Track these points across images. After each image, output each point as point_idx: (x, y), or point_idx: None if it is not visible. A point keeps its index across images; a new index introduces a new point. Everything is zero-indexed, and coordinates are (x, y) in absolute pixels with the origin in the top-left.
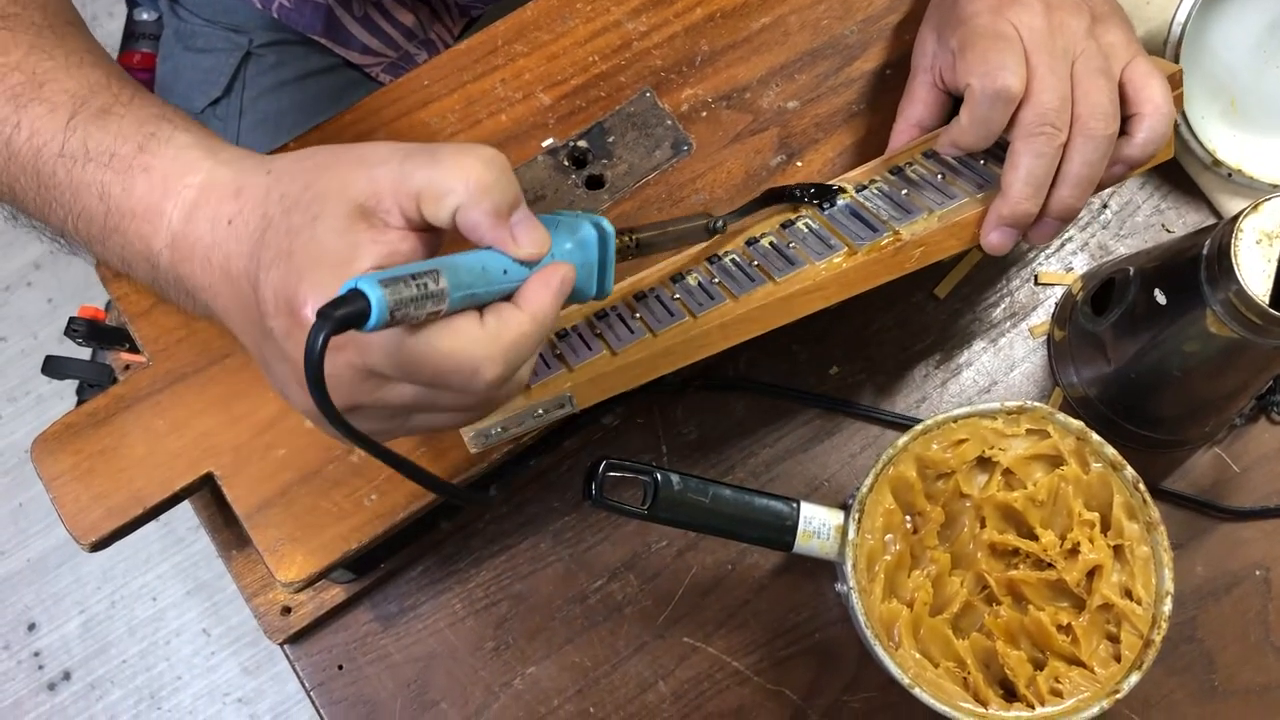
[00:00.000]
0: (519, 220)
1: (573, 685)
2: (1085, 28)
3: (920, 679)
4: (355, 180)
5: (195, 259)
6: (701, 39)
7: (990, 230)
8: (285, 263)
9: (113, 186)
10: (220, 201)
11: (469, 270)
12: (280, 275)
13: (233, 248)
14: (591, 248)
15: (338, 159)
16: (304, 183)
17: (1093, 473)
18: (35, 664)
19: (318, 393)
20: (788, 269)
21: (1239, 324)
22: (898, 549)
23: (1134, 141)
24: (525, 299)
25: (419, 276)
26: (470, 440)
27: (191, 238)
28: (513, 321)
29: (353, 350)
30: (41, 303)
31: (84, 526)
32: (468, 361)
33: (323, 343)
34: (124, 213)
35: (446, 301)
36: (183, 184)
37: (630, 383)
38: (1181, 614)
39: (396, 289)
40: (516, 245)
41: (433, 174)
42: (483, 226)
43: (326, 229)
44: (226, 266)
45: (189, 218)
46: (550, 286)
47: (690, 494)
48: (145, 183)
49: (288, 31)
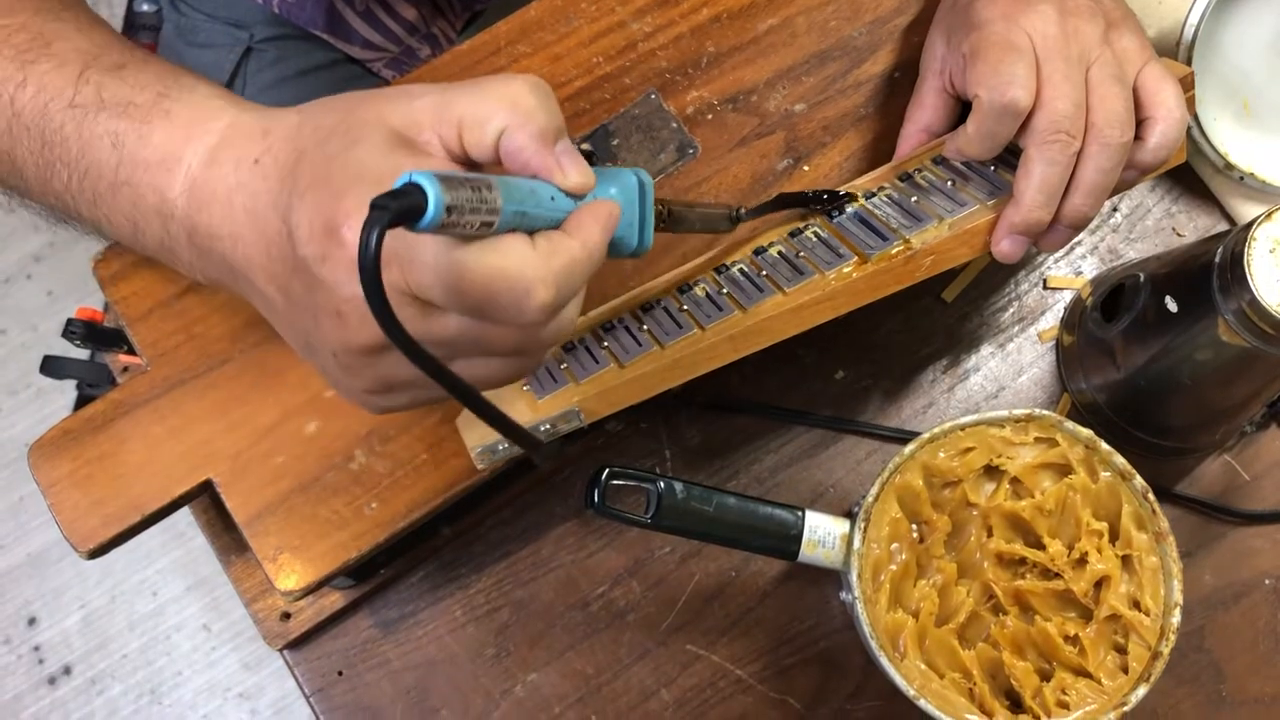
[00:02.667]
0: (565, 150)
1: (574, 692)
2: (1100, 33)
3: (925, 690)
4: (394, 110)
5: (215, 204)
6: (707, 40)
7: (1001, 238)
8: (323, 186)
9: (128, 135)
10: (246, 142)
11: (520, 188)
12: (317, 198)
13: (259, 185)
14: (633, 195)
15: (374, 94)
16: (339, 115)
17: (1101, 482)
18: (35, 658)
19: (374, 294)
20: (797, 279)
21: (1251, 333)
22: (904, 558)
23: (1147, 147)
24: (575, 227)
25: (473, 179)
26: (476, 456)
27: (212, 182)
28: (564, 246)
29: (397, 269)
30: (41, 295)
31: (81, 534)
32: (520, 280)
33: (379, 235)
34: (137, 163)
35: (499, 215)
36: (205, 129)
37: (638, 395)
38: (1190, 623)
39: (454, 187)
40: (564, 174)
41: (476, 99)
42: (528, 151)
43: (366, 151)
44: (252, 206)
45: (211, 161)
46: (599, 219)
47: (694, 502)
48: (165, 129)
49: (289, 26)
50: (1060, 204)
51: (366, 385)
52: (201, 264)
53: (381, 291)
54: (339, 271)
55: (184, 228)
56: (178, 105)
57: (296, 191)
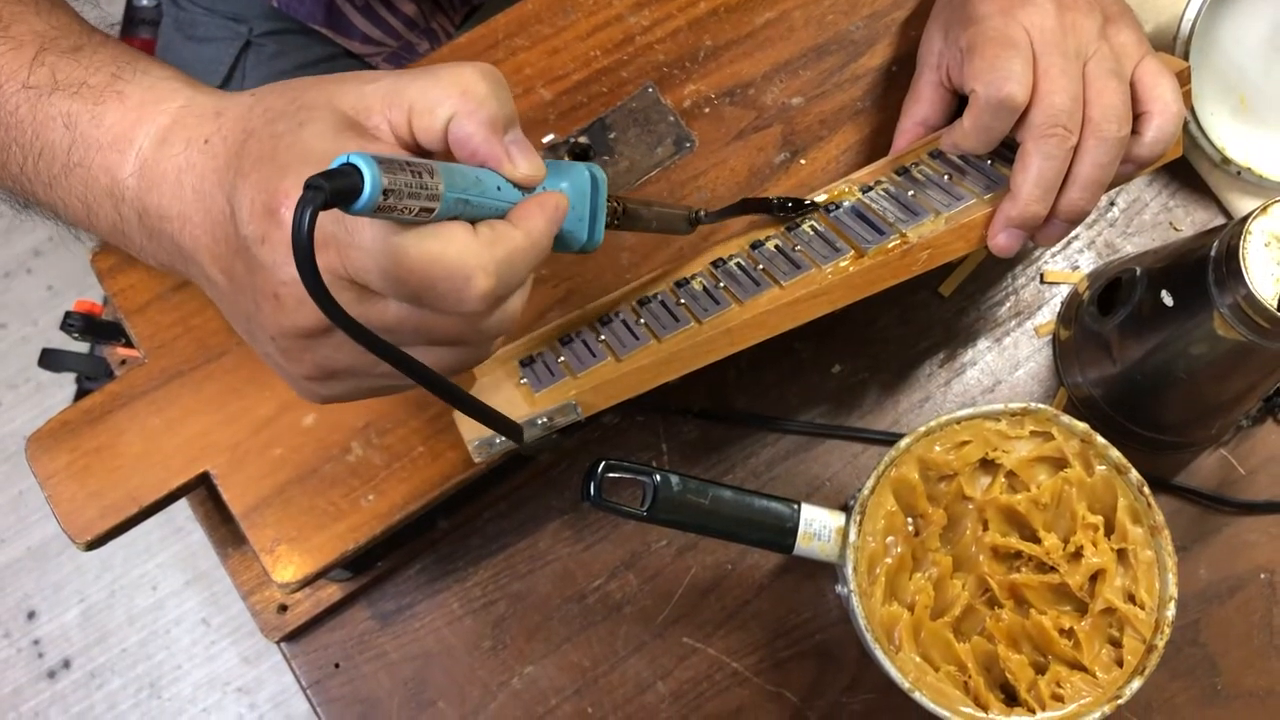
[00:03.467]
0: (515, 140)
1: (571, 685)
2: (1097, 28)
3: (920, 682)
4: (345, 93)
5: (165, 184)
6: (705, 34)
7: (998, 232)
8: (267, 165)
9: (80, 116)
10: (199, 123)
11: (464, 176)
12: (259, 177)
13: (208, 164)
14: (584, 191)
15: (327, 78)
16: (291, 96)
17: (1097, 476)
18: (35, 652)
19: (308, 273)
20: (793, 273)
21: (1247, 327)
22: (899, 551)
23: (1143, 141)
24: (519, 217)
25: (414, 164)
26: (474, 450)
27: (163, 163)
28: (507, 235)
29: (334, 252)
30: (41, 289)
31: (79, 525)
32: (459, 267)
33: (312, 215)
34: (90, 143)
35: (440, 202)
36: (159, 110)
37: (635, 389)
38: (1185, 617)
39: (392, 170)
40: (512, 164)
41: (426, 86)
42: (476, 138)
43: (313, 133)
44: (199, 186)
45: (163, 141)
46: (545, 210)
47: (690, 495)
48: (118, 110)
49: (288, 21)
50: (1057, 198)
51: (306, 371)
52: (152, 247)
53: (315, 270)
54: (277, 252)
55: (135, 209)
56: (131, 86)
57: (241, 171)
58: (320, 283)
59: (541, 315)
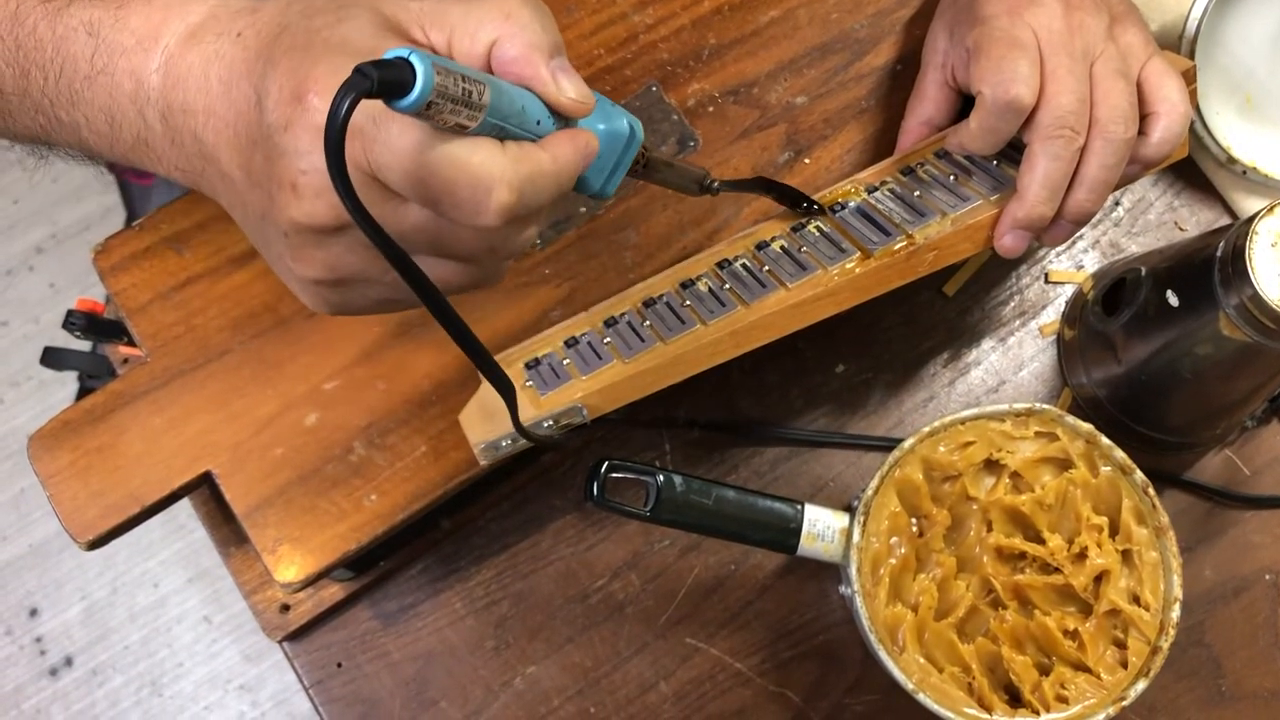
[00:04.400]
0: (561, 66)
1: (573, 685)
2: (1104, 28)
3: (924, 684)
4: (388, 1)
5: (191, 78)
6: (709, 32)
7: (1004, 233)
8: (300, 53)
9: (103, 21)
10: (232, 18)
11: (510, 100)
12: (291, 63)
13: (238, 54)
14: (619, 140)
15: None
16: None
17: (1102, 476)
18: (37, 649)
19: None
20: (800, 274)
21: (1253, 328)
22: (903, 552)
23: (1150, 142)
24: (550, 144)
25: (468, 79)
26: (480, 453)
27: (190, 56)
28: (534, 155)
29: (360, 145)
30: (43, 287)
31: (81, 525)
32: (484, 176)
33: (353, 100)
34: (114, 48)
35: (480, 120)
36: (185, 10)
37: (642, 391)
38: (1190, 618)
39: (445, 75)
40: (557, 88)
41: (470, 8)
42: (520, 62)
43: (354, 28)
44: (227, 76)
45: (191, 36)
46: (576, 144)
47: (693, 495)
48: (142, 11)
49: None
50: (1064, 199)
51: (315, 273)
52: (174, 153)
53: (342, 157)
54: (301, 139)
55: (159, 110)
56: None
57: (272, 59)
58: (344, 168)
59: (544, 314)
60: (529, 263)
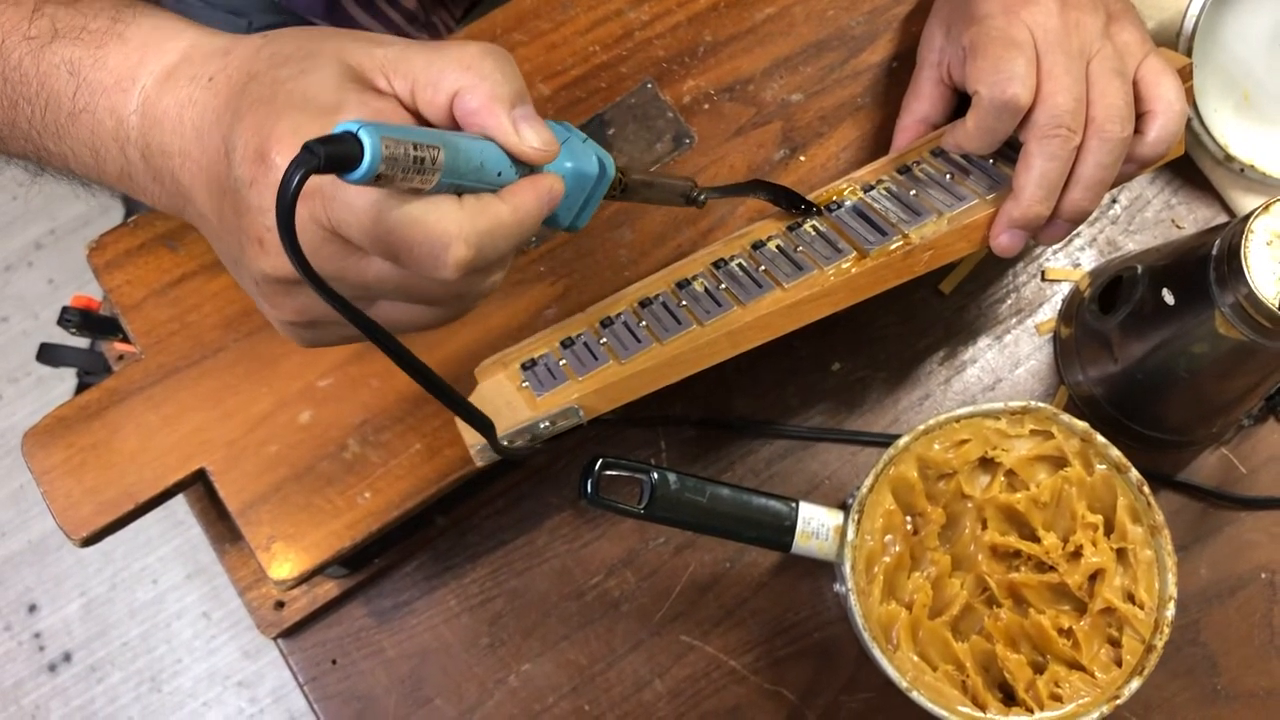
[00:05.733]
0: (524, 115)
1: (568, 682)
2: (1100, 26)
3: (918, 682)
4: (355, 49)
5: (167, 121)
6: (704, 29)
7: (1000, 232)
8: (264, 107)
9: (83, 60)
10: (205, 60)
11: (467, 159)
12: (255, 119)
13: (210, 101)
14: (587, 178)
15: (340, 31)
16: (299, 44)
17: (1096, 475)
18: (36, 645)
19: (286, 233)
20: (796, 275)
21: (1248, 326)
22: (897, 550)
23: (1146, 140)
24: (510, 193)
25: (420, 146)
26: (476, 454)
27: (165, 99)
28: (492, 209)
29: (319, 202)
30: (42, 283)
31: (75, 521)
32: (440, 235)
33: (301, 178)
34: (94, 87)
35: (435, 182)
36: (162, 49)
37: (638, 391)
38: (1185, 617)
39: (394, 146)
40: (518, 138)
41: (430, 59)
42: (481, 113)
43: (317, 80)
44: (199, 123)
45: (167, 78)
46: (539, 192)
47: (687, 493)
48: (119, 51)
49: (287, 13)
50: (1060, 198)
51: (288, 317)
52: (157, 190)
53: (293, 232)
54: (265, 196)
55: (139, 149)
56: (132, 28)
57: (239, 112)
58: (296, 245)
59: (539, 312)
60: (524, 260)
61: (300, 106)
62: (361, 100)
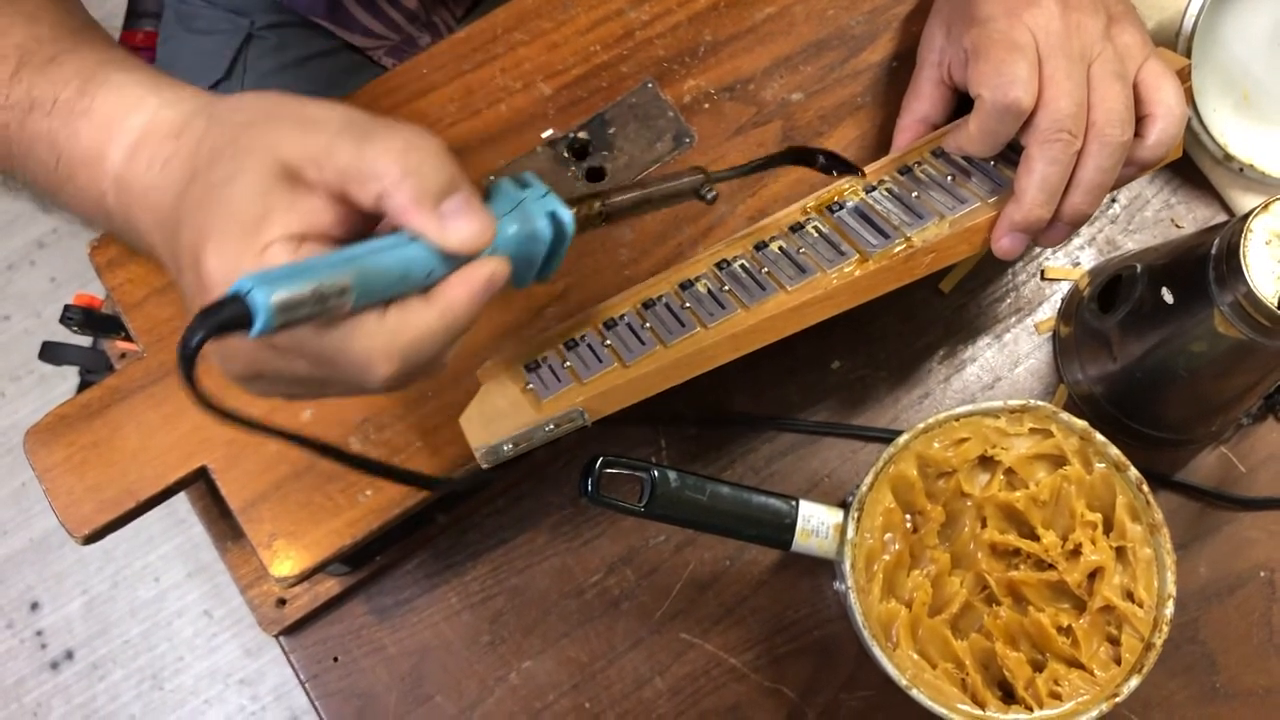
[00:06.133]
0: (454, 209)
1: (568, 680)
2: (1102, 28)
3: (918, 680)
4: (285, 140)
5: (136, 201)
6: (705, 29)
7: (1002, 235)
8: (198, 216)
9: (59, 134)
10: (161, 141)
11: (385, 275)
12: (191, 231)
13: (166, 191)
14: (542, 242)
15: (277, 113)
16: (232, 136)
17: (1096, 473)
18: (38, 643)
19: (192, 392)
20: (799, 277)
21: (1247, 325)
22: (897, 548)
23: (1145, 144)
24: (439, 293)
25: (323, 284)
26: (481, 457)
27: (132, 179)
28: (416, 318)
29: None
30: (44, 281)
31: (77, 519)
32: (361, 356)
33: (197, 344)
34: (73, 159)
35: (349, 305)
36: (125, 125)
37: (642, 394)
38: (1184, 615)
39: (289, 297)
40: (444, 234)
41: (359, 153)
42: (408, 213)
43: (244, 187)
44: (159, 211)
45: (131, 157)
46: (472, 286)
47: (688, 491)
48: (88, 127)
49: (289, 13)
50: (1060, 202)
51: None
52: (148, 253)
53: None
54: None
55: (121, 220)
56: (97, 100)
57: (180, 214)
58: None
59: (538, 310)
60: None
61: (226, 220)
62: (289, 207)
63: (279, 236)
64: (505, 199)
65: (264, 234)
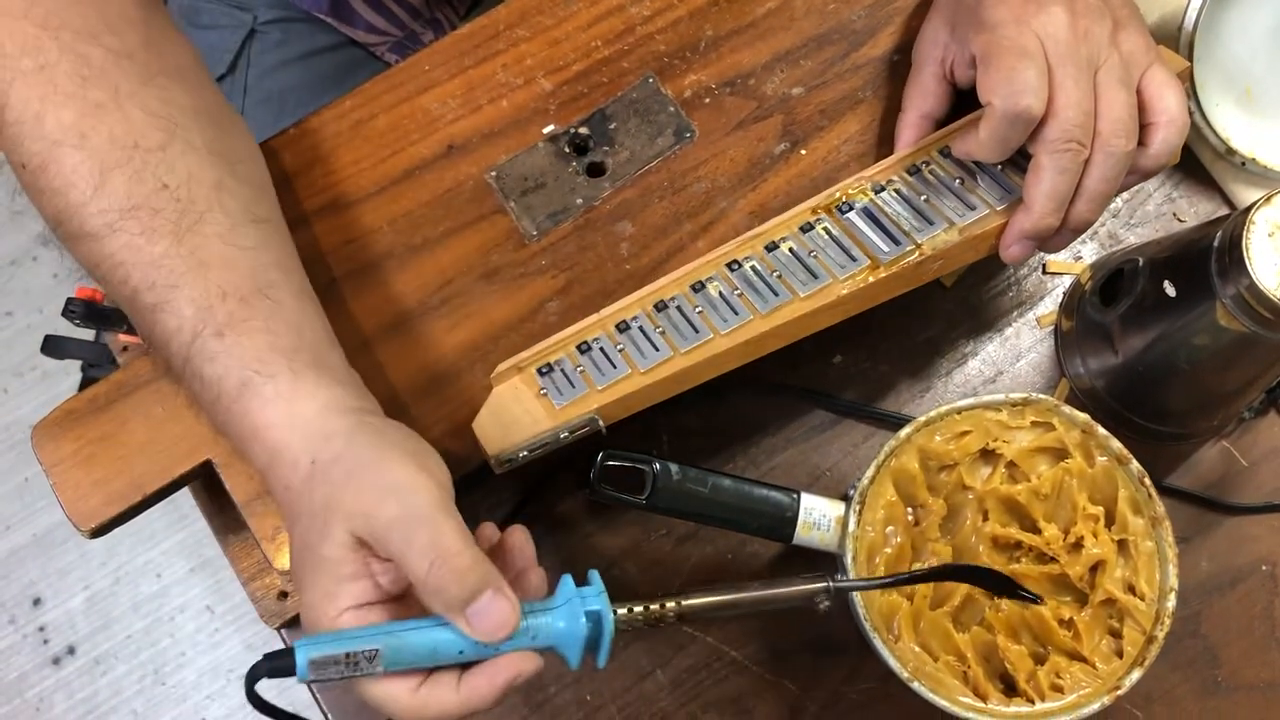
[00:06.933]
0: (480, 608)
1: (570, 673)
2: (1108, 34)
3: (919, 673)
4: (358, 518)
5: (278, 492)
6: (706, 24)
7: (1011, 243)
8: (303, 559)
9: (216, 405)
10: (286, 470)
11: (415, 650)
12: (298, 566)
13: (287, 508)
14: (575, 640)
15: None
16: (324, 497)
17: (1098, 466)
18: (40, 638)
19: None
20: (811, 283)
21: (1250, 318)
22: (899, 541)
23: (1148, 152)
24: (467, 682)
25: (354, 654)
26: (496, 463)
27: (270, 480)
28: (442, 698)
29: None
30: (47, 277)
31: (84, 513)
32: (392, 713)
33: (255, 679)
34: (229, 427)
35: (380, 670)
36: (265, 438)
37: (654, 399)
38: (1186, 609)
39: (324, 661)
40: (470, 628)
41: (404, 549)
42: (436, 610)
43: (328, 552)
44: (284, 516)
45: (269, 466)
46: (495, 682)
47: (689, 484)
48: (240, 422)
49: (293, 9)
50: (1066, 209)
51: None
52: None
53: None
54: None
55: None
56: (248, 409)
57: (294, 542)
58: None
59: (541, 305)
60: (525, 254)
61: (314, 587)
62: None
63: (349, 607)
64: (562, 593)
65: (338, 603)
